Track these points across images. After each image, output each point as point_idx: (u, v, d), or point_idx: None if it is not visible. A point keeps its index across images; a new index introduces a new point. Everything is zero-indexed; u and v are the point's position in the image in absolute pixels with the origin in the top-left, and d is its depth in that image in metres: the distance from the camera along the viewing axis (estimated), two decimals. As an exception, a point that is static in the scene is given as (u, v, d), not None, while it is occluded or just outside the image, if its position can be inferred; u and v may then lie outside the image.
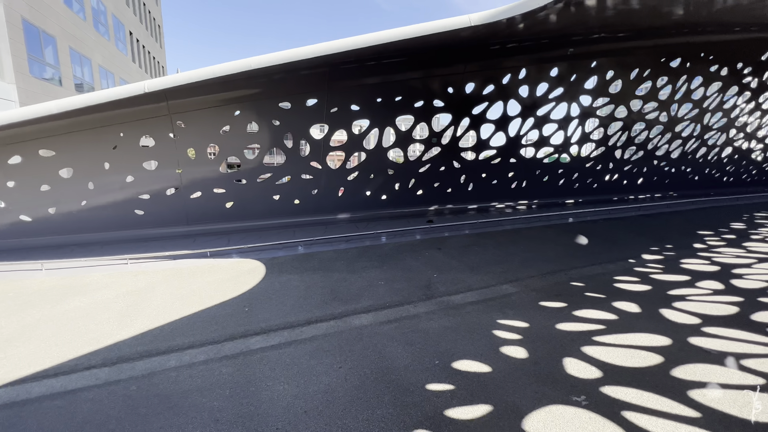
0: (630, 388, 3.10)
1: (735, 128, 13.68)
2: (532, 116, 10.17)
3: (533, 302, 4.92)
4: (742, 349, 3.72)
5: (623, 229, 9.49)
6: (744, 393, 3.02)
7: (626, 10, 8.07)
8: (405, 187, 10.23)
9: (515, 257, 6.98)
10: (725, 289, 5.40)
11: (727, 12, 9.07)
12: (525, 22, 7.30)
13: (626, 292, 5.30)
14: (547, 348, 3.74)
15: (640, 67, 10.27)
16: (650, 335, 4.02)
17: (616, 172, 12.77)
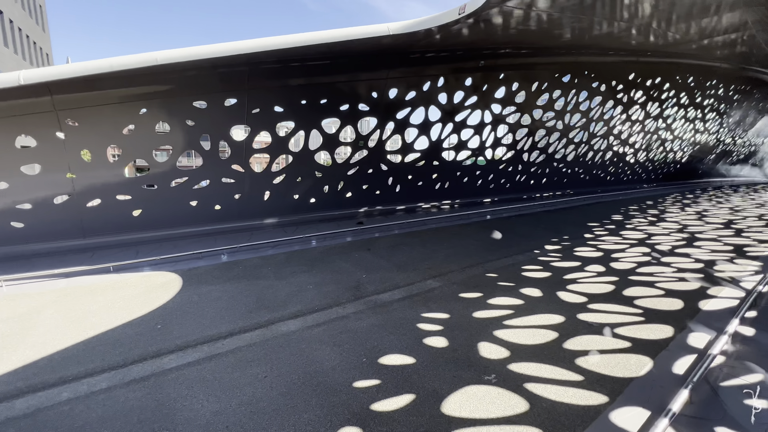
0: (531, 362, 3.53)
1: (613, 135, 16.27)
2: (451, 122, 10.94)
3: (454, 294, 5.30)
4: (615, 320, 4.47)
5: (530, 224, 10.68)
6: (615, 355, 3.64)
7: (524, 29, 9.12)
8: (334, 189, 10.23)
9: (439, 254, 7.43)
10: (606, 271, 6.43)
11: (604, 38, 10.77)
12: (439, 34, 7.84)
13: (531, 279, 5.99)
14: (464, 335, 4.08)
15: (540, 81, 11.68)
16: (549, 315, 4.61)
17: (525, 173, 14.32)
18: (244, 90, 7.77)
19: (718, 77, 16.69)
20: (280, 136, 8.82)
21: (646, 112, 16.17)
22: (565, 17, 8.85)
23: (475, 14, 6.41)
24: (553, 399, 2.99)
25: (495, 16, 7.67)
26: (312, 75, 8.66)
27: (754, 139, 29.33)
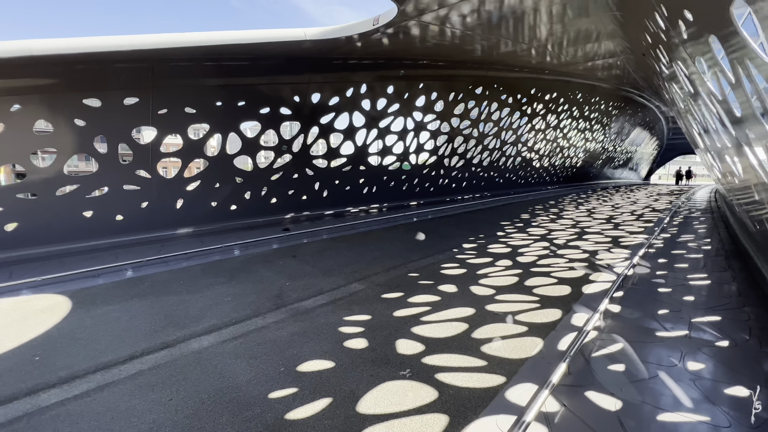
0: (443, 354, 3.80)
1: (521, 143, 18.18)
2: (376, 128, 11.24)
3: (377, 296, 5.46)
4: (517, 308, 5.01)
5: (452, 225, 11.42)
6: (514, 339, 4.09)
7: (440, 44, 9.78)
8: (257, 195, 9.82)
9: (365, 257, 7.57)
10: (513, 264, 7.16)
11: (509, 56, 12.01)
12: (360, 41, 8.05)
13: (449, 276, 6.42)
14: (384, 334, 4.23)
15: (456, 92, 12.60)
16: (462, 308, 5.00)
17: (446, 178, 15.27)
18: (148, 88, 7.09)
19: (600, 95, 19.66)
20: (194, 139, 8.21)
21: (547, 123, 18.38)
22: (476, 35, 9.70)
23: (388, 26, 6.71)
24: (459, 385, 3.25)
25: (410, 28, 8.11)
26: (229, 75, 8.24)
27: (630, 147, 35.06)
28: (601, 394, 3.08)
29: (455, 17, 8.00)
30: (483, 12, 7.81)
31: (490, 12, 7.85)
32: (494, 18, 8.40)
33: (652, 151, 43.97)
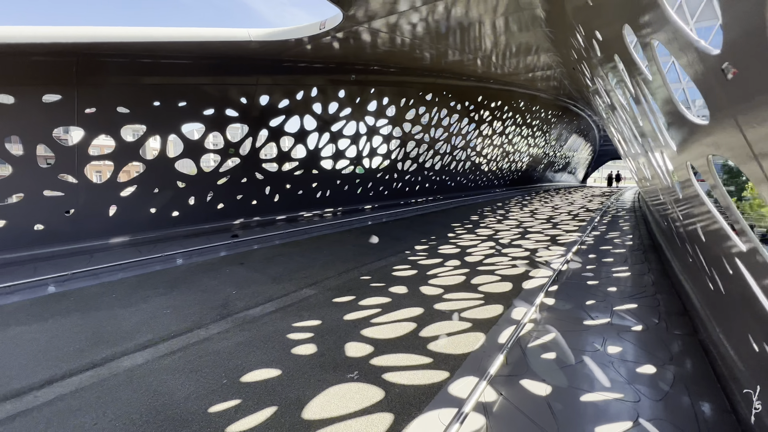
0: (391, 354, 3.88)
1: (470, 148, 19.04)
2: (328, 131, 11.19)
3: (328, 300, 5.42)
4: (463, 305, 5.24)
5: (405, 228, 11.65)
6: (459, 335, 4.28)
7: (390, 51, 9.99)
8: (202, 201, 9.33)
9: (318, 262, 7.49)
10: (461, 264, 7.46)
11: (456, 65, 12.55)
12: (309, 44, 7.99)
13: (400, 278, 6.55)
14: (333, 338, 4.22)
15: (407, 97, 12.92)
16: (411, 309, 5.12)
17: (400, 181, 15.56)
18: (73, 85, 6.48)
19: (540, 104, 21.17)
20: (128, 141, 7.62)
21: (493, 129, 19.43)
22: (424, 44, 10.03)
23: (337, 30, 6.75)
24: (405, 383, 3.34)
25: (360, 34, 8.21)
26: (168, 74, 7.78)
27: (568, 152, 38.08)
28: (534, 381, 3.33)
29: (405, 26, 8.23)
30: (431, 22, 8.12)
31: (437, 22, 8.17)
32: (442, 28, 8.76)
33: (587, 156, 48.09)
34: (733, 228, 2.55)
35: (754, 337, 2.53)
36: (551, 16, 6.90)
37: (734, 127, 1.52)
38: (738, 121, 1.49)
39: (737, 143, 1.54)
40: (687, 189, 3.61)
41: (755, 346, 2.54)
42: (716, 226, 2.78)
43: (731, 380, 3.04)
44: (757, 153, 1.42)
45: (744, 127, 1.45)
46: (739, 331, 2.91)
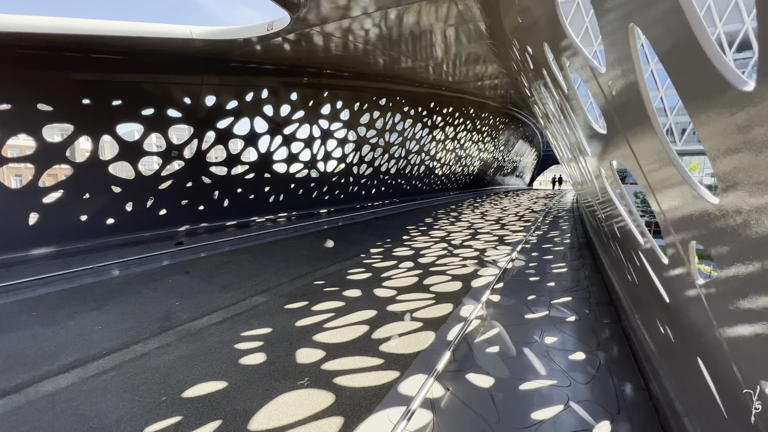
0: (343, 358, 3.88)
1: (424, 152, 19.56)
2: (280, 134, 10.94)
3: (279, 307, 5.29)
4: (415, 306, 5.37)
5: (360, 231, 11.68)
6: (410, 335, 4.38)
7: (343, 55, 10.03)
8: (141, 207, 8.68)
9: (270, 268, 7.28)
10: (414, 266, 7.64)
11: (409, 71, 12.87)
12: (258, 45, 7.80)
13: (355, 281, 6.56)
14: (284, 346, 4.13)
15: (361, 102, 13.00)
16: (365, 311, 5.15)
17: (356, 185, 15.58)
18: (-19, 78, 5.77)
19: (489, 111, 22.31)
20: (52, 141, 6.91)
21: (446, 134, 20.13)
22: (377, 49, 10.18)
23: (288, 32, 6.66)
24: (355, 386, 3.36)
25: (312, 36, 8.16)
26: (101, 70, 7.18)
27: (516, 157, 40.45)
28: (479, 375, 3.51)
29: (358, 31, 8.31)
30: (383, 28, 8.27)
31: (390, 29, 8.35)
32: (394, 35, 8.95)
33: (532, 161, 51.40)
34: (648, 226, 2.89)
35: (660, 321, 2.88)
36: (492, 30, 7.35)
37: (622, 137, 1.74)
38: (625, 133, 1.71)
39: (626, 152, 1.78)
40: (604, 192, 4.02)
41: (661, 329, 2.88)
42: (626, 225, 3.14)
43: (645, 361, 3.42)
44: (641, 163, 1.65)
45: (629, 139, 1.67)
46: (650, 316, 3.29)
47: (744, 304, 1.19)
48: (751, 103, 0.89)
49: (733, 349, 1.39)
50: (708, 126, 1.09)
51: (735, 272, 1.17)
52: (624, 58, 1.44)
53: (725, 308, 1.35)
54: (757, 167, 0.94)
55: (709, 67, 1.00)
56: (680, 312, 2.07)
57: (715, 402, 1.92)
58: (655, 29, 1.22)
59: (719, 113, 1.02)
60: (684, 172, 1.34)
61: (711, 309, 1.46)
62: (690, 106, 1.17)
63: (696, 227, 1.31)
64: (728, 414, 1.79)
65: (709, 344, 1.65)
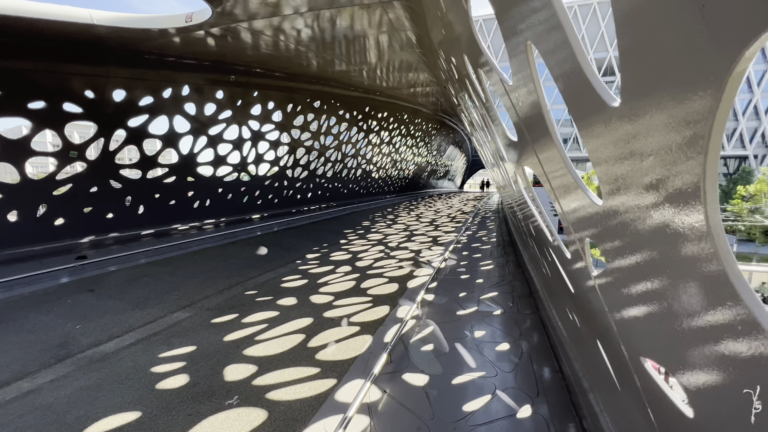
0: (276, 371, 3.70)
1: (360, 156, 19.67)
2: (205, 135, 10.16)
3: (205, 322, 4.88)
4: (353, 310, 5.34)
5: (296, 236, 11.32)
6: (348, 341, 4.34)
7: (274, 54, 9.67)
8: (30, 216, 7.40)
9: (194, 280, 6.69)
10: (352, 270, 7.61)
11: (344, 75, 12.84)
12: (179, 37, 7.16)
13: (290, 289, 6.32)
14: (210, 364, 3.81)
15: (294, 103, 12.64)
16: (300, 320, 4.98)
17: (291, 189, 15.09)
18: None
19: (422, 117, 23.24)
20: None
21: (381, 139, 20.48)
22: (310, 51, 9.99)
23: (212, 26, 6.22)
24: (290, 399, 3.22)
25: (239, 33, 7.73)
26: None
27: (447, 161, 42.66)
28: (415, 374, 3.59)
29: (289, 30, 8.06)
30: (316, 30, 8.15)
31: (323, 31, 8.25)
32: (327, 37, 8.87)
33: (463, 165, 54.66)
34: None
35: (568, 309, 3.23)
36: (421, 40, 7.67)
37: (530, 147, 1.94)
38: (532, 143, 1.90)
39: (534, 161, 1.98)
40: (520, 194, 4.42)
41: (570, 316, 3.24)
42: (539, 224, 3.48)
43: (559, 346, 3.81)
44: (546, 170, 1.84)
45: (536, 148, 1.86)
46: (561, 305, 3.68)
47: (626, 291, 1.38)
48: (618, 119, 1.04)
49: (620, 330, 1.60)
50: (591, 138, 1.26)
51: (618, 265, 1.35)
52: (527, 76, 1.59)
53: (613, 296, 1.55)
54: (629, 173, 1.09)
55: (589, 88, 1.15)
56: (582, 300, 2.34)
57: (611, 377, 2.20)
58: (549, 58, 1.37)
59: (598, 127, 1.18)
60: (577, 178, 1.53)
61: (603, 297, 1.68)
62: (576, 121, 1.34)
63: (588, 226, 1.50)
64: (621, 387, 2.06)
65: (603, 327, 1.89)
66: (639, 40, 0.87)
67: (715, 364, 0.91)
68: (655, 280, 1.14)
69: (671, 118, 0.83)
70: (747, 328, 0.78)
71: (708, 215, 0.80)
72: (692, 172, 0.81)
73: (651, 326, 1.29)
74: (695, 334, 0.98)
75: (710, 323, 0.90)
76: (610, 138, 1.10)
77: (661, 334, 1.21)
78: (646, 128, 0.93)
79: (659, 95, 0.85)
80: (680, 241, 0.94)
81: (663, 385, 1.34)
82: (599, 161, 1.21)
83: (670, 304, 1.08)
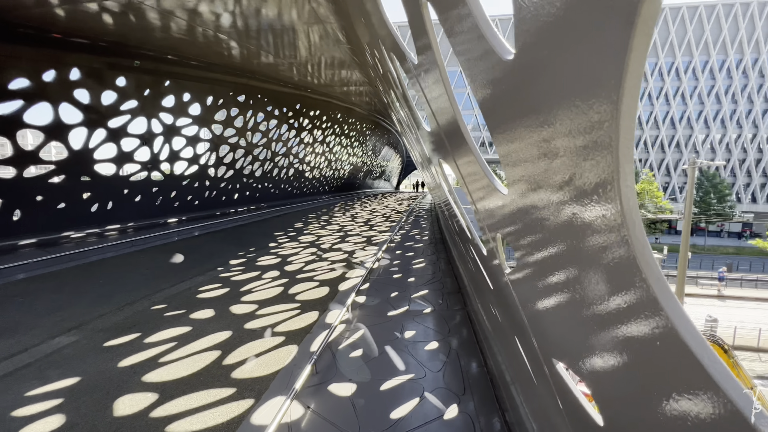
0: (183, 396, 3.22)
1: (292, 155, 18.88)
2: (104, 127, 8.80)
3: (96, 346, 4.13)
4: (278, 319, 4.95)
5: (221, 241, 10.40)
6: (269, 354, 3.97)
7: (187, 40, 8.73)
8: None
9: (86, 296, 5.69)
10: (280, 274, 7.14)
11: (271, 68, 12.14)
12: (62, 8, 6.06)
13: (207, 300, 5.69)
14: (96, 398, 3.18)
15: (215, 96, 11.61)
16: (216, 334, 4.47)
17: (214, 189, 13.87)
18: None
19: (356, 117, 23.10)
20: None
21: (314, 137, 19.90)
22: (232, 39, 9.21)
23: None
24: (197, 429, 2.80)
25: (144, 12, 6.82)
26: None
27: (383, 162, 43.19)
28: (342, 383, 3.38)
29: (207, 14, 7.33)
30: (237, 15, 7.51)
31: (246, 17, 7.64)
32: (251, 26, 8.24)
33: (398, 165, 55.82)
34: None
35: (491, 304, 3.29)
36: (348, 35, 7.50)
37: (449, 151, 1.88)
38: (453, 153, 1.85)
39: (453, 165, 1.93)
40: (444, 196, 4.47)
41: (493, 311, 3.30)
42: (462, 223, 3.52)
43: (484, 340, 3.90)
44: (462, 173, 1.79)
45: (453, 153, 1.80)
46: (485, 301, 3.76)
47: (533, 288, 1.34)
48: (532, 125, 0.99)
49: (533, 327, 1.59)
50: (499, 146, 1.21)
51: (525, 261, 1.31)
52: (441, 85, 1.50)
53: (523, 292, 1.53)
54: (538, 173, 1.03)
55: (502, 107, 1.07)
56: (500, 296, 2.35)
57: (528, 371, 2.22)
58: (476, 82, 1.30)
59: (509, 133, 1.11)
60: (492, 177, 1.48)
61: (515, 293, 1.66)
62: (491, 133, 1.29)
63: (499, 225, 1.45)
64: (537, 380, 2.09)
65: (518, 323, 1.88)
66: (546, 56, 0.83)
67: (623, 370, 0.86)
68: (563, 277, 1.09)
69: (579, 123, 0.78)
70: (665, 336, 0.72)
71: (623, 211, 0.74)
72: (601, 168, 0.76)
73: (561, 328, 1.26)
74: (604, 336, 0.93)
75: (620, 329, 0.84)
76: (522, 143, 1.04)
77: (570, 336, 1.17)
78: (553, 133, 0.88)
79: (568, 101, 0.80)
80: (588, 237, 0.88)
81: (576, 391, 1.32)
82: (510, 163, 1.17)
83: (577, 304, 1.03)
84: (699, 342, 0.67)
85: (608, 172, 0.74)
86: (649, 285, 0.72)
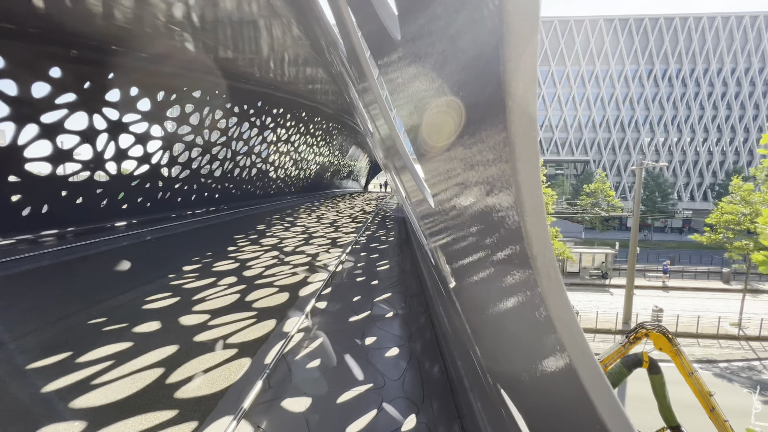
0: (116, 423, 2.90)
1: (254, 154, 18.18)
2: (35, 122, 7.95)
3: (16, 370, 3.66)
4: (232, 329, 4.65)
5: (174, 246, 9.76)
6: (219, 369, 3.70)
7: (134, 30, 8.11)
8: None
9: (9, 311, 5.07)
10: (237, 281, 6.77)
11: (229, 64, 11.58)
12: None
13: (154, 311, 5.26)
14: (13, 431, 2.79)
15: (167, 91, 10.89)
16: (161, 350, 4.11)
17: (168, 190, 13.02)
18: None
19: (322, 116, 22.67)
20: None
21: (278, 136, 19.29)
22: (185, 32, 8.67)
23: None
24: (127, 462, 2.51)
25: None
26: None
27: (350, 162, 42.84)
28: (296, 398, 3.20)
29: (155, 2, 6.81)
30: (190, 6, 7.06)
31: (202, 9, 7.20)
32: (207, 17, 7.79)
33: (366, 165, 55.62)
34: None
35: (452, 308, 3.24)
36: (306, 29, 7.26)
37: (392, 165, 1.78)
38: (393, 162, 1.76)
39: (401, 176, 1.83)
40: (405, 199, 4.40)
41: (450, 314, 3.25)
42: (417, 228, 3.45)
43: (444, 345, 3.85)
44: (405, 184, 1.70)
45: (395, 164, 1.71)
46: (444, 304, 3.71)
47: (469, 297, 1.27)
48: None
49: (472, 332, 1.52)
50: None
51: (460, 272, 1.23)
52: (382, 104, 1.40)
53: (462, 301, 1.45)
54: (445, 189, 0.96)
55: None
56: (452, 302, 2.28)
57: (480, 378, 2.17)
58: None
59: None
60: (423, 190, 1.40)
61: (457, 301, 1.58)
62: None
63: (435, 235, 1.38)
64: (489, 388, 2.03)
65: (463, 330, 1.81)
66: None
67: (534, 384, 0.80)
68: (488, 289, 1.02)
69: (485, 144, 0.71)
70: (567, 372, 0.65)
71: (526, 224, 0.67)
72: (507, 178, 0.69)
73: (489, 341, 1.20)
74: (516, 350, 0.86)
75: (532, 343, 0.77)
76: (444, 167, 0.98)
77: (494, 348, 1.11)
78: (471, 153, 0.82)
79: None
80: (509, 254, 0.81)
81: (515, 412, 1.25)
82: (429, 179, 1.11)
83: (498, 317, 0.96)
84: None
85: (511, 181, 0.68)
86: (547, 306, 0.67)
